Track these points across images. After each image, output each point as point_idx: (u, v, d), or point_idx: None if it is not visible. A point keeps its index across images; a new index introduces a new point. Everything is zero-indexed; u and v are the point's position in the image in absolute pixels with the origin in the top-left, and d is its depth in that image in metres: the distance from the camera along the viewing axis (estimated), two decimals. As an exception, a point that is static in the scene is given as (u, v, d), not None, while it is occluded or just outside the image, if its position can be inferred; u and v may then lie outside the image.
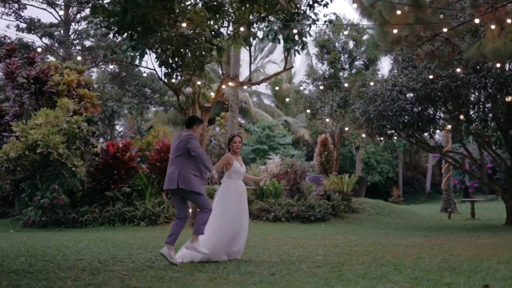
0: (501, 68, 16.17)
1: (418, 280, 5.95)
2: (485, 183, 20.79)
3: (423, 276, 6.21)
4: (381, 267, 7.30)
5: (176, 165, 8.91)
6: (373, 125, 19.38)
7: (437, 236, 14.02)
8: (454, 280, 5.86)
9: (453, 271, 6.62)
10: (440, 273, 6.52)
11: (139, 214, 18.61)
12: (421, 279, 6.00)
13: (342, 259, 8.65)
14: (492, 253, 9.32)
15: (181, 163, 8.88)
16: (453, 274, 6.40)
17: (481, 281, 5.80)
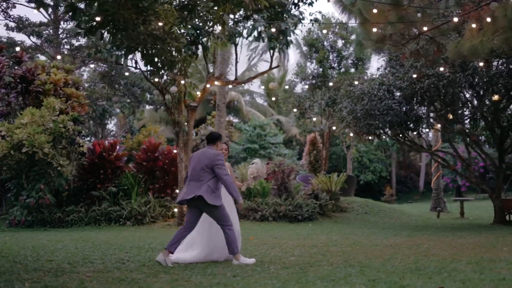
0: (485, 67, 16.12)
1: (376, 282, 5.88)
2: (473, 182, 20.70)
3: (384, 278, 6.14)
4: (347, 268, 7.24)
5: (201, 181, 8.86)
6: (360, 124, 19.30)
7: (420, 236, 13.95)
8: (412, 282, 5.79)
9: (416, 273, 6.56)
10: (402, 274, 6.46)
11: (125, 214, 18.55)
12: (380, 281, 5.94)
13: (313, 260, 8.60)
14: (468, 253, 9.26)
15: (205, 180, 8.86)
16: (415, 275, 6.34)
17: (439, 283, 5.74)
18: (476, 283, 5.69)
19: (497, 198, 19.48)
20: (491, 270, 6.68)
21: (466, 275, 6.21)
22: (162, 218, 18.99)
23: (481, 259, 8.13)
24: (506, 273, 6.36)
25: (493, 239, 12.56)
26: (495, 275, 6.16)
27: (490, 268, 6.87)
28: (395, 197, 45.10)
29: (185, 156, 18.21)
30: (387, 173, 47.90)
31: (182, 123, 18.20)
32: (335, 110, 22.26)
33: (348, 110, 19.43)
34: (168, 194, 19.67)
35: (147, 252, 10.34)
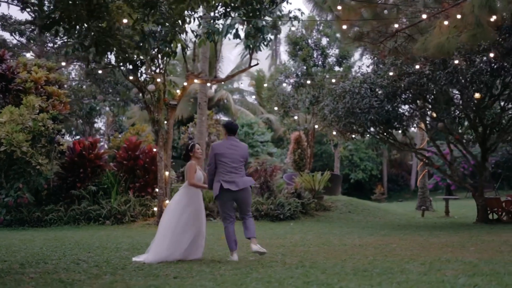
0: (462, 65, 16.01)
1: (309, 284, 5.76)
2: (456, 181, 20.61)
3: (323, 280, 6.01)
4: (295, 270, 7.12)
5: (241, 172, 9.18)
6: (341, 123, 19.17)
7: (395, 235, 13.84)
8: (346, 284, 5.67)
9: (360, 274, 6.43)
10: (344, 276, 6.33)
11: (104, 213, 18.42)
12: (315, 283, 5.81)
13: (270, 260, 8.51)
14: (430, 253, 9.16)
15: (243, 171, 9.26)
16: (357, 277, 6.22)
17: (375, 285, 5.62)
18: (411, 285, 5.56)
19: (480, 196, 19.38)
20: (439, 271, 6.56)
21: (408, 277, 6.08)
22: (142, 217, 18.85)
23: (438, 259, 8.02)
24: (450, 274, 6.24)
25: (467, 238, 12.45)
26: (439, 276, 6.02)
27: (439, 269, 6.75)
28: (385, 196, 45.01)
29: (165, 155, 18.08)
30: (378, 171, 47.81)
31: (162, 122, 18.06)
32: (317, 109, 22.11)
33: (330, 109, 19.30)
34: (148, 193, 19.53)
35: (110, 252, 10.20)
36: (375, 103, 18.18)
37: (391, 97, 18.39)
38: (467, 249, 9.66)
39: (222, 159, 9.10)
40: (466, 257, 8.26)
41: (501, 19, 12.99)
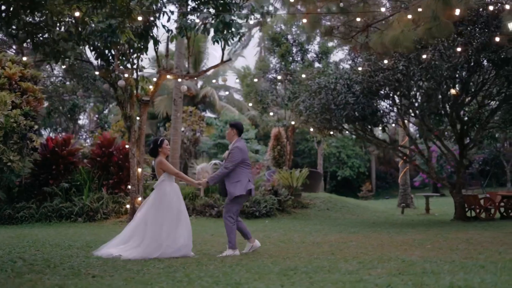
0: (432, 60, 15.83)
1: (215, 283, 5.61)
2: (433, 178, 20.41)
3: (235, 279, 5.88)
4: (222, 268, 7.01)
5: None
6: (317, 119, 18.97)
7: (363, 233, 13.70)
8: (255, 285, 5.49)
9: (281, 273, 6.26)
10: (262, 275, 6.20)
11: (76, 210, 18.18)
12: (223, 282, 5.67)
13: (209, 259, 8.34)
14: (382, 251, 9.04)
15: None
16: (275, 276, 6.10)
17: (285, 285, 5.44)
18: (324, 284, 5.39)
19: (458, 194, 19.20)
20: (369, 269, 6.40)
21: (329, 276, 5.92)
22: (115, 214, 18.61)
23: (380, 257, 7.90)
24: (376, 273, 6.08)
25: (432, 235, 12.29)
26: (360, 276, 5.84)
27: (371, 267, 6.60)
28: (372, 193, 44.83)
29: (137, 152, 17.83)
30: (366, 169, 47.60)
31: (134, 118, 17.82)
32: (294, 104, 21.89)
33: (305, 105, 19.09)
34: (122, 190, 19.28)
35: (60, 250, 10.00)
36: (350, 99, 17.96)
37: (367, 93, 18.16)
38: (422, 247, 9.48)
39: (246, 161, 9.52)
40: (411, 255, 8.13)
41: (463, 13, 12.79)
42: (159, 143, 9.70)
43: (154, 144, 9.77)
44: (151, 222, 9.33)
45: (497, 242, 10.17)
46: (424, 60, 16.47)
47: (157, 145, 9.68)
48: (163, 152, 9.69)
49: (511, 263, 6.68)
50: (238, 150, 9.42)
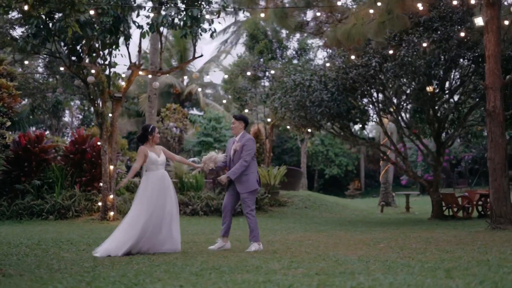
0: (393, 54, 15.65)
1: (115, 284, 5.46)
2: (410, 176, 20.22)
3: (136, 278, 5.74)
4: (148, 268, 6.79)
5: None
6: (292, 116, 18.78)
7: (330, 231, 13.55)
8: (154, 285, 5.31)
9: (198, 274, 6.03)
10: (174, 274, 6.03)
11: (47, 208, 17.94)
12: (118, 282, 5.53)
13: (165, 259, 8.15)
14: (328, 250, 8.84)
15: None
16: (188, 275, 5.93)
17: (184, 284, 5.27)
18: (232, 284, 5.21)
19: (435, 192, 19.03)
20: (291, 269, 6.23)
21: (231, 276, 5.74)
22: (87, 212, 18.38)
23: (317, 257, 7.76)
24: (293, 273, 5.90)
25: (394, 235, 12.10)
26: (269, 276, 5.66)
27: (294, 267, 6.43)
28: (360, 192, 44.69)
29: (109, 148, 17.63)
30: (354, 167, 47.43)
31: (105, 114, 17.62)
32: (269, 101, 21.68)
33: (280, 102, 18.90)
34: (95, 188, 19.05)
35: (9, 249, 9.78)
36: (325, 96, 17.75)
37: (342, 90, 17.95)
38: (375, 246, 9.29)
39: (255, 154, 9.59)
40: (352, 254, 8.01)
41: (426, 9, 12.67)
42: (150, 130, 9.54)
43: (144, 130, 9.61)
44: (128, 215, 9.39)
45: (455, 241, 9.99)
46: (397, 56, 16.29)
47: (148, 132, 9.51)
48: (153, 140, 9.51)
49: (442, 264, 6.49)
50: (252, 142, 9.49)
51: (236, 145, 9.39)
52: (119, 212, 18.58)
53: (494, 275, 5.53)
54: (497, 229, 12.21)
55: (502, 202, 12.31)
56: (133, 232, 9.02)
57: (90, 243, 10.68)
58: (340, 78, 17.53)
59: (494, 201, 12.39)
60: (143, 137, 9.51)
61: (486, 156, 40.95)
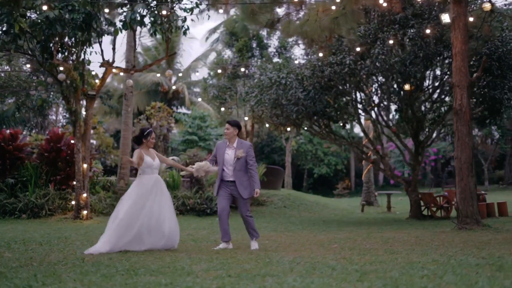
0: (380, 54, 15.51)
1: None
2: (388, 175, 20.05)
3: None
4: (76, 267, 6.64)
5: None
6: (268, 114, 18.62)
7: (297, 231, 13.47)
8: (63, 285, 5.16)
9: (124, 274, 5.92)
10: (80, 275, 5.90)
11: (20, 206, 17.77)
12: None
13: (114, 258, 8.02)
14: (272, 251, 8.76)
15: None
16: (97, 276, 5.76)
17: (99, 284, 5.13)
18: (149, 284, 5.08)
19: (413, 192, 18.87)
20: (208, 271, 6.12)
21: (136, 278, 5.59)
22: (61, 211, 18.20)
23: (251, 258, 7.63)
24: (205, 275, 5.78)
25: (360, 235, 11.98)
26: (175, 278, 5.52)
27: (213, 269, 6.29)
28: (348, 191, 44.52)
29: (83, 147, 17.47)
30: (343, 166, 47.24)
31: (79, 113, 17.46)
32: (245, 100, 21.49)
33: (257, 100, 18.73)
34: (69, 186, 18.87)
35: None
36: (301, 95, 17.58)
37: (319, 88, 17.77)
38: (326, 247, 9.15)
39: None
40: (295, 255, 7.88)
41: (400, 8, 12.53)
42: (146, 134, 9.67)
43: (141, 133, 9.74)
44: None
45: (413, 242, 9.87)
46: (371, 54, 16.14)
47: (144, 136, 9.66)
48: (147, 145, 9.65)
49: (367, 266, 6.36)
50: (252, 148, 9.87)
51: (239, 153, 9.54)
52: (93, 211, 18.42)
53: (409, 278, 5.44)
54: (463, 229, 12.07)
55: (468, 202, 12.16)
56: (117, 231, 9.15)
57: (42, 243, 10.49)
58: (316, 76, 17.36)
59: (460, 201, 12.25)
60: (138, 139, 9.70)
61: (477, 155, 40.95)
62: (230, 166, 9.55)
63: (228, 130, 9.70)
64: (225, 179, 9.59)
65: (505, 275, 5.32)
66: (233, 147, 9.63)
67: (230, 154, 9.59)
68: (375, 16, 16.72)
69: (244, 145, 9.70)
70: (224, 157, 9.60)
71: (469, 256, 7.25)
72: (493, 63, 16.37)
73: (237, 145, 9.65)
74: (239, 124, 9.91)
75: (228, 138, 9.70)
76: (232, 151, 9.60)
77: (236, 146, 9.63)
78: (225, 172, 9.58)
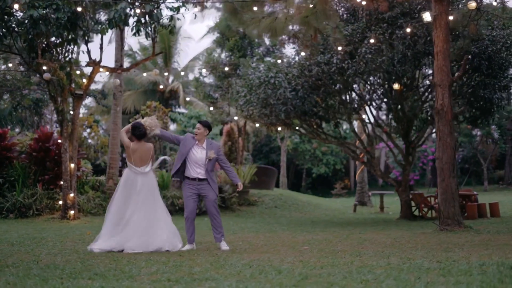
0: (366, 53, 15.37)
1: None
2: (378, 175, 19.91)
3: None
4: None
5: None
6: (256, 114, 18.49)
7: (279, 231, 13.35)
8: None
9: (79, 276, 5.84)
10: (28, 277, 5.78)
11: (7, 206, 17.69)
12: None
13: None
14: (237, 253, 8.66)
15: None
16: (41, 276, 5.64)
17: None
18: None
19: (403, 192, 18.73)
20: (149, 274, 6.01)
21: (103, 281, 5.49)
22: (49, 210, 18.11)
23: (209, 261, 7.54)
24: (141, 278, 5.66)
25: (338, 236, 11.86)
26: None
27: (158, 272, 6.20)
28: (346, 191, 44.32)
29: (70, 146, 17.37)
30: (342, 165, 47.05)
31: (65, 112, 17.37)
32: (233, 99, 21.36)
33: (246, 100, 18.60)
34: (58, 186, 18.77)
35: None
36: (289, 94, 17.44)
37: (307, 88, 17.64)
38: (295, 250, 9.01)
39: None
40: (258, 257, 7.80)
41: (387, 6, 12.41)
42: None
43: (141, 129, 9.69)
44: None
45: (387, 244, 9.75)
46: (359, 53, 16.02)
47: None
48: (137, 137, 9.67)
49: (313, 270, 6.24)
50: (221, 149, 10.13)
51: (210, 154, 9.62)
52: (81, 211, 18.35)
53: (347, 283, 5.35)
54: (444, 230, 11.93)
55: (450, 203, 12.00)
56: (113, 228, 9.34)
57: (14, 243, 10.39)
58: (304, 76, 17.24)
59: (442, 202, 12.10)
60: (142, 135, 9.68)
61: (476, 155, 40.71)
62: (198, 166, 9.61)
63: (199, 130, 9.74)
64: (190, 177, 9.61)
65: (447, 280, 5.19)
66: (202, 147, 9.69)
67: (200, 154, 9.64)
68: (363, 15, 16.59)
69: (214, 146, 9.83)
70: (190, 155, 9.63)
71: (427, 259, 7.12)
72: (482, 62, 16.24)
73: (207, 145, 9.72)
74: (210, 125, 10.01)
75: (199, 139, 9.73)
76: (201, 150, 9.66)
77: (206, 147, 9.70)
78: (191, 170, 9.62)
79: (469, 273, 5.67)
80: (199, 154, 9.60)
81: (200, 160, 9.57)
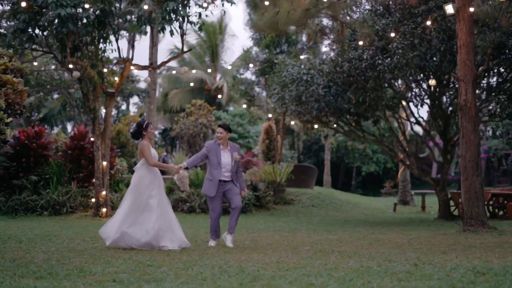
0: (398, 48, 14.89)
1: None
2: (415, 173, 19.33)
3: None
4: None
5: None
6: (289, 111, 18.24)
7: (303, 230, 13.15)
8: None
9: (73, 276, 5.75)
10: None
11: (42, 203, 17.91)
12: None
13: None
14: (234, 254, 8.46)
15: None
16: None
17: None
18: None
19: (441, 191, 18.17)
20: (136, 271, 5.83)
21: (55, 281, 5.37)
22: (82, 208, 18.27)
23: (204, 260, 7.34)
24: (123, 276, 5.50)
25: (359, 235, 11.56)
26: None
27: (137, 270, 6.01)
28: (396, 189, 43.40)
29: (103, 144, 17.48)
30: (393, 164, 46.16)
31: (97, 110, 17.51)
32: (267, 97, 21.11)
33: (278, 97, 18.36)
34: (92, 184, 18.92)
35: None
36: (321, 91, 17.11)
37: (341, 84, 17.26)
38: (295, 250, 8.80)
39: None
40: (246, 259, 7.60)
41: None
42: (144, 126, 9.82)
43: (138, 127, 9.90)
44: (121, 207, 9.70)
45: (396, 244, 9.43)
46: (389, 49, 15.57)
47: (142, 128, 9.81)
48: (148, 136, 9.81)
49: (279, 272, 6.00)
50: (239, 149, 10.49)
51: (235, 156, 10.01)
52: (114, 209, 18.42)
53: (299, 285, 5.11)
54: (467, 231, 11.43)
55: (473, 203, 11.50)
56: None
57: (22, 240, 10.44)
58: (335, 72, 16.88)
59: (465, 201, 11.60)
60: (138, 133, 9.86)
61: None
62: (226, 169, 9.93)
63: (222, 134, 10.05)
64: (221, 179, 9.89)
65: (402, 285, 4.86)
66: (227, 150, 10.03)
67: (227, 158, 9.95)
68: (396, 9, 16.13)
69: (236, 148, 10.24)
70: (221, 159, 9.89)
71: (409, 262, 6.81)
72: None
73: (230, 148, 10.09)
74: (230, 128, 10.38)
75: (222, 143, 10.02)
76: (227, 154, 9.99)
77: (230, 149, 10.07)
78: (222, 174, 9.89)
79: (429, 278, 5.40)
80: (227, 159, 9.95)
81: (228, 164, 9.93)
